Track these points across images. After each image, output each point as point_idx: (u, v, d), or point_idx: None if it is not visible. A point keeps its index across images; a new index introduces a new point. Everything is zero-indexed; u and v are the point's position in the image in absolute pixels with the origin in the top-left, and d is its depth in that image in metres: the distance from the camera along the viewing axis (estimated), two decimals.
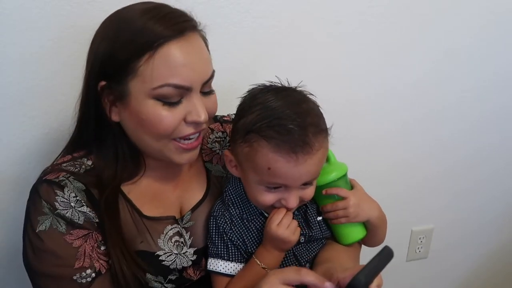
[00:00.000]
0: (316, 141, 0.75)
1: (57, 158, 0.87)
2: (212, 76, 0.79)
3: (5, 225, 1.06)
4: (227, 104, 0.88)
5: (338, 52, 1.30)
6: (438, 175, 1.61)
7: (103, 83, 0.77)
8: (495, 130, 1.63)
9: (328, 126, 0.80)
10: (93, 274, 0.77)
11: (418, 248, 1.71)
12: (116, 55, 0.74)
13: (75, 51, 1.00)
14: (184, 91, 0.75)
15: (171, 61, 0.73)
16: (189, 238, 0.88)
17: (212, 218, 0.86)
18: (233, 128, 0.84)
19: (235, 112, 0.84)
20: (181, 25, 0.75)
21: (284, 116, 0.75)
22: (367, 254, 0.76)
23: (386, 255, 0.68)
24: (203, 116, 0.76)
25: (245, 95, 0.83)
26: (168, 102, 0.75)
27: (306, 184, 0.80)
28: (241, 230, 0.84)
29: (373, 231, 0.90)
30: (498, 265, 1.89)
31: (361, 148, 1.43)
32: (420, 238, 1.69)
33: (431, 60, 1.43)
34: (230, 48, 0.86)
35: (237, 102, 0.84)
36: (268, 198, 0.79)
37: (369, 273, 0.65)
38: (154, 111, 0.75)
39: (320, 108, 0.81)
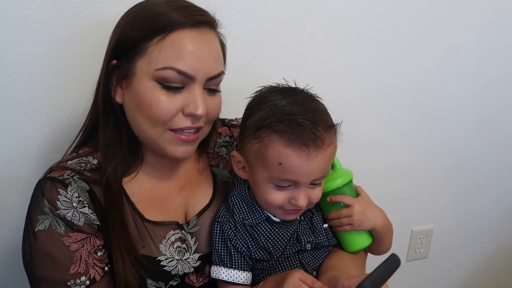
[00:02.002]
0: (327, 136, 0.76)
1: (66, 153, 0.87)
2: (219, 75, 0.79)
3: (6, 225, 1.06)
4: (227, 104, 0.88)
5: (338, 52, 1.30)
6: (438, 175, 1.61)
7: (114, 61, 0.78)
8: (495, 130, 1.63)
9: (336, 123, 0.80)
10: (88, 282, 0.76)
11: (418, 248, 1.70)
12: (130, 34, 0.76)
13: (75, 51, 1.00)
14: (186, 79, 0.75)
15: (180, 46, 0.74)
16: (194, 243, 0.86)
17: (216, 223, 0.85)
18: (241, 127, 0.83)
19: (234, 112, 0.83)
20: (198, 17, 0.77)
21: (294, 112, 0.75)
22: (373, 262, 0.75)
23: (392, 263, 0.67)
24: (200, 110, 0.76)
25: (253, 95, 0.83)
26: (168, 86, 0.75)
27: (315, 184, 0.79)
28: (245, 236, 0.83)
29: (378, 239, 0.89)
30: (499, 265, 1.89)
31: (361, 148, 1.43)
32: (420, 238, 1.69)
33: (431, 60, 1.43)
34: (229, 48, 0.86)
35: (236, 103, 0.84)
36: (278, 197, 0.79)
37: (375, 281, 0.65)
38: (153, 93, 0.75)
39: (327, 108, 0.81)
